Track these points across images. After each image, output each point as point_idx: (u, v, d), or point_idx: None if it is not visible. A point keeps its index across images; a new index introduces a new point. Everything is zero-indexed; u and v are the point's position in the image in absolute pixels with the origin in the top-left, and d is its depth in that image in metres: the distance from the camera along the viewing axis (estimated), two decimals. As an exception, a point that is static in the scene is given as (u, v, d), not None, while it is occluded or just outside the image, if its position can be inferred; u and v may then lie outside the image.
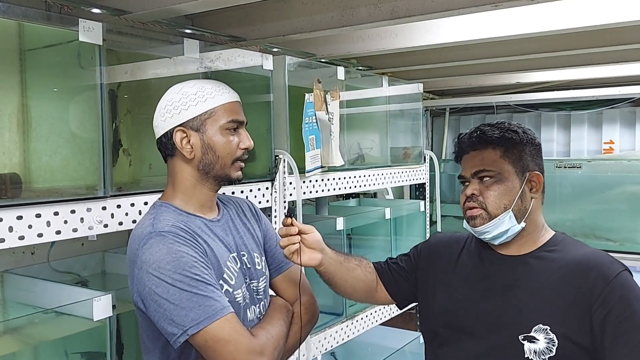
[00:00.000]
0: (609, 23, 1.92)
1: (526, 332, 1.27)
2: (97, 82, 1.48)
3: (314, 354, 2.24)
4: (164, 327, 1.20)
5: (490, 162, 1.36)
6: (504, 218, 1.34)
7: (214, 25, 2.11)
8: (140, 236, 1.25)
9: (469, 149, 1.41)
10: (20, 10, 1.34)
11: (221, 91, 1.35)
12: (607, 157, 4.16)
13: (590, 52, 2.49)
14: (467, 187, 1.39)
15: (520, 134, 1.38)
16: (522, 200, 1.35)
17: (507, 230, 1.34)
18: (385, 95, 2.86)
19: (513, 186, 1.35)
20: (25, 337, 1.50)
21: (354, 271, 1.54)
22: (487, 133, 1.38)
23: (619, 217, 3.91)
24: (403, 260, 1.60)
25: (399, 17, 1.78)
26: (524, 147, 1.38)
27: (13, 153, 1.42)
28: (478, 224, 1.36)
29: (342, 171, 2.40)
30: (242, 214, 1.50)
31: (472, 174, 1.38)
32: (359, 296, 1.60)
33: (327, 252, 1.46)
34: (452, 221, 4.48)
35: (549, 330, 1.25)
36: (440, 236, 1.61)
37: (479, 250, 1.44)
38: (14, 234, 1.30)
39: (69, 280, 1.82)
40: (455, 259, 1.48)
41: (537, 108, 4.46)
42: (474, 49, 2.61)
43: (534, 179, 1.37)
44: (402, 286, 1.58)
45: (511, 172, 1.36)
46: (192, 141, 1.32)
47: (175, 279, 1.19)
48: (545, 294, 1.29)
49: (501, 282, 1.36)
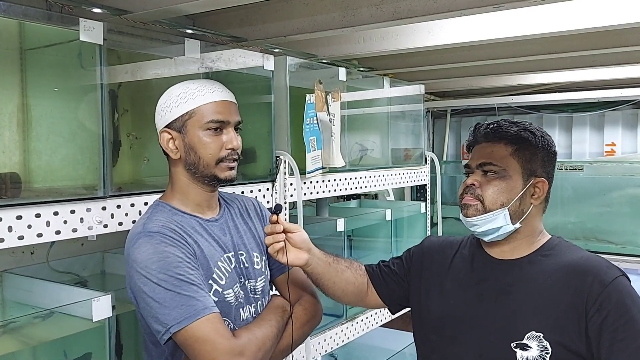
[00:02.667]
0: (611, 25, 1.92)
1: (519, 340, 1.24)
2: (97, 81, 1.48)
3: (314, 355, 2.24)
4: (151, 324, 1.24)
5: (498, 156, 1.33)
6: (498, 215, 1.31)
7: (215, 26, 2.10)
8: (132, 235, 1.30)
9: (482, 139, 1.38)
10: (21, 9, 1.34)
11: (204, 91, 1.34)
12: (609, 160, 4.15)
13: (592, 53, 2.49)
14: (469, 177, 1.37)
15: (538, 136, 1.35)
16: (520, 202, 1.33)
17: (500, 228, 1.32)
18: (386, 96, 2.86)
19: (515, 186, 1.32)
20: (24, 337, 1.50)
21: (343, 273, 1.50)
22: (504, 127, 1.35)
23: (620, 220, 3.90)
24: (395, 264, 1.57)
25: (400, 18, 1.77)
26: (537, 151, 1.35)
27: (13, 152, 1.42)
28: (470, 214, 1.34)
29: (342, 172, 2.40)
30: (245, 213, 1.50)
31: (477, 165, 1.36)
32: (349, 299, 1.57)
33: (315, 252, 1.44)
34: (453, 223, 4.47)
35: (542, 338, 1.22)
36: (434, 239, 1.58)
37: (473, 254, 1.42)
38: (13, 234, 1.30)
39: (68, 281, 1.81)
40: (449, 263, 1.45)
41: (538, 110, 4.45)
42: (475, 51, 2.61)
43: (538, 185, 1.35)
44: (393, 290, 1.54)
45: (517, 172, 1.33)
46: (177, 142, 1.34)
47: (160, 278, 1.22)
48: (539, 300, 1.26)
49: (495, 286, 1.33)
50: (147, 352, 1.38)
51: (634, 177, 3.88)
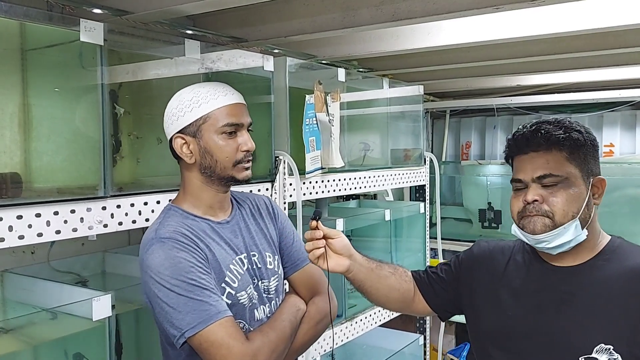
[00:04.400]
0: (610, 26, 1.92)
1: (587, 354, 1.17)
2: (98, 82, 1.48)
3: (313, 355, 2.24)
4: (167, 328, 1.26)
5: (556, 165, 1.23)
6: (569, 227, 1.22)
7: (215, 26, 2.11)
8: (145, 241, 1.31)
9: (529, 149, 1.26)
10: (22, 10, 1.34)
11: (217, 94, 1.35)
12: (608, 160, 4.15)
13: (591, 54, 2.49)
14: (528, 192, 1.25)
15: (584, 134, 1.26)
16: (587, 208, 1.24)
17: (571, 240, 1.23)
18: (385, 97, 2.87)
19: (580, 192, 1.23)
20: (24, 337, 1.50)
21: (386, 279, 1.46)
22: (552, 132, 1.24)
23: (619, 221, 3.90)
24: (443, 270, 1.51)
25: (400, 19, 1.77)
26: (588, 150, 1.26)
27: (14, 152, 1.42)
28: (539, 230, 1.23)
29: (342, 172, 2.40)
30: (257, 212, 1.51)
31: (534, 179, 1.24)
32: (393, 306, 1.54)
33: (357, 258, 1.41)
34: (452, 223, 4.48)
35: (613, 350, 1.15)
36: (484, 245, 1.48)
37: (528, 261, 1.34)
38: (13, 234, 1.30)
39: (68, 280, 1.82)
40: (502, 271, 1.37)
41: (537, 111, 4.45)
42: (474, 52, 2.61)
43: (597, 184, 1.27)
44: (442, 297, 1.49)
45: (578, 177, 1.24)
46: (191, 147, 1.35)
47: (172, 283, 1.23)
48: (605, 309, 1.19)
49: (554, 296, 1.25)
50: (164, 353, 1.40)
51: (632, 177, 3.88)
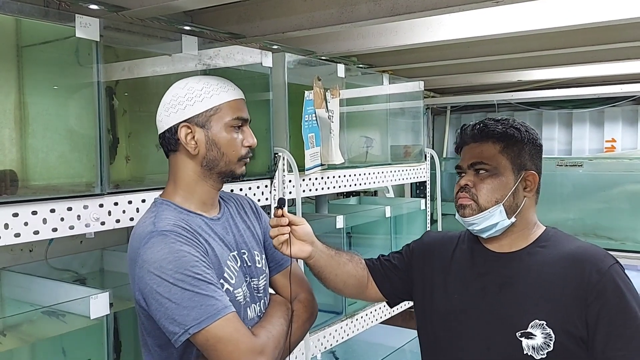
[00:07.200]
0: (612, 20, 1.91)
1: (523, 329, 1.29)
2: (94, 79, 1.47)
3: (314, 352, 2.23)
4: (166, 326, 1.20)
5: (488, 155, 1.38)
6: (494, 211, 1.36)
7: (213, 22, 2.09)
8: (142, 235, 1.25)
9: (470, 140, 1.43)
10: (17, 6, 1.33)
11: (227, 88, 1.35)
12: (609, 156, 4.14)
13: (592, 49, 2.47)
14: (462, 178, 1.42)
15: (523, 132, 1.40)
16: (514, 197, 1.37)
17: (496, 224, 1.36)
18: (385, 93, 2.85)
19: (507, 182, 1.37)
20: (22, 335, 1.50)
21: (344, 266, 1.53)
22: (490, 127, 1.40)
23: (620, 216, 3.90)
24: (395, 258, 1.60)
25: (399, 14, 1.76)
26: (524, 146, 1.39)
27: (10, 150, 1.41)
28: (467, 214, 1.39)
29: (342, 169, 2.39)
30: (242, 211, 1.50)
31: (468, 165, 1.40)
32: (349, 292, 1.60)
33: (318, 245, 1.46)
34: (453, 220, 4.44)
35: (545, 325, 1.27)
36: (433, 235, 1.62)
37: (472, 248, 1.46)
38: (9, 231, 1.29)
39: (67, 278, 1.81)
40: (450, 259, 1.48)
41: (538, 106, 4.44)
42: (475, 47, 2.60)
43: (529, 178, 1.39)
44: (394, 284, 1.58)
45: (507, 168, 1.37)
46: (197, 137, 1.32)
47: (177, 278, 1.18)
48: (540, 289, 1.31)
49: (497, 279, 1.38)
50: (150, 356, 1.34)
51: (633, 173, 3.87)
